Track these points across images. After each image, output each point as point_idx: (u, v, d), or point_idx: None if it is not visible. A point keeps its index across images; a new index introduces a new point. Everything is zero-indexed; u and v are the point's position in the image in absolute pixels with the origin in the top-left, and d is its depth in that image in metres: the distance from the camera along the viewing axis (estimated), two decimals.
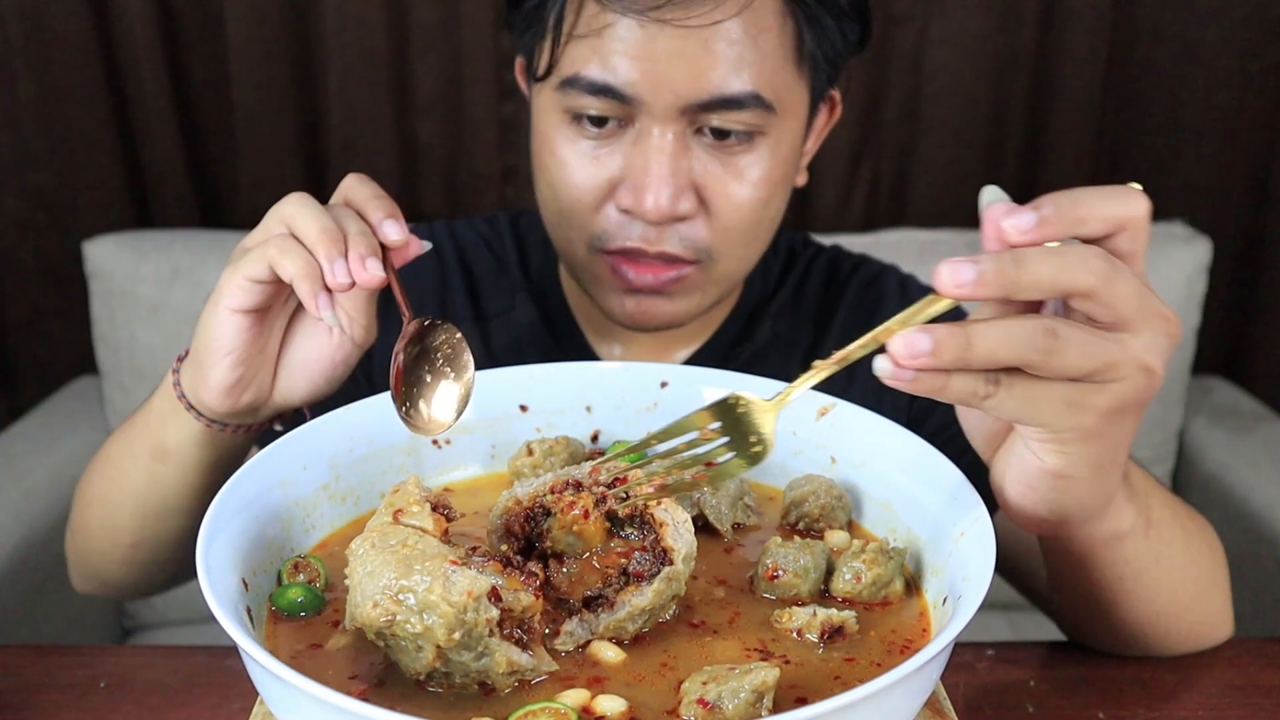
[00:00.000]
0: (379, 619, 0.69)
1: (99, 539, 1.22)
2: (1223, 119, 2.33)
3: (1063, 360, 0.71)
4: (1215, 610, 1.08)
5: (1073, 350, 0.71)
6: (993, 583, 0.74)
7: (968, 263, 0.69)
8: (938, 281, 0.69)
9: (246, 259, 0.96)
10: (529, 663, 0.73)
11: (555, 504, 0.82)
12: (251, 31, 2.19)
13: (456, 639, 0.69)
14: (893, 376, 0.71)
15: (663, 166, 1.14)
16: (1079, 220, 0.73)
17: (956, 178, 2.36)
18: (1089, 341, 0.71)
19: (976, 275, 0.68)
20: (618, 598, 0.78)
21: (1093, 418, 0.74)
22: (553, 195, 1.23)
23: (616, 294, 1.24)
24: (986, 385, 0.72)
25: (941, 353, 0.69)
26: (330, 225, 0.94)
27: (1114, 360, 0.72)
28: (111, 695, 1.00)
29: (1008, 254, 0.69)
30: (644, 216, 1.16)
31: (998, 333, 0.69)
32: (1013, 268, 0.69)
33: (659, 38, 1.11)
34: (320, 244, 0.93)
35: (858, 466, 0.95)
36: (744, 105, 1.14)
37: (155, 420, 1.10)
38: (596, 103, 1.15)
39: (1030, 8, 2.25)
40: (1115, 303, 0.71)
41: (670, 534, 0.80)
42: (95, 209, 2.30)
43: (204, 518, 0.79)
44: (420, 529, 0.75)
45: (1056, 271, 0.70)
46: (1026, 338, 0.69)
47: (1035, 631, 2.07)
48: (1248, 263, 2.43)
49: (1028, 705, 0.98)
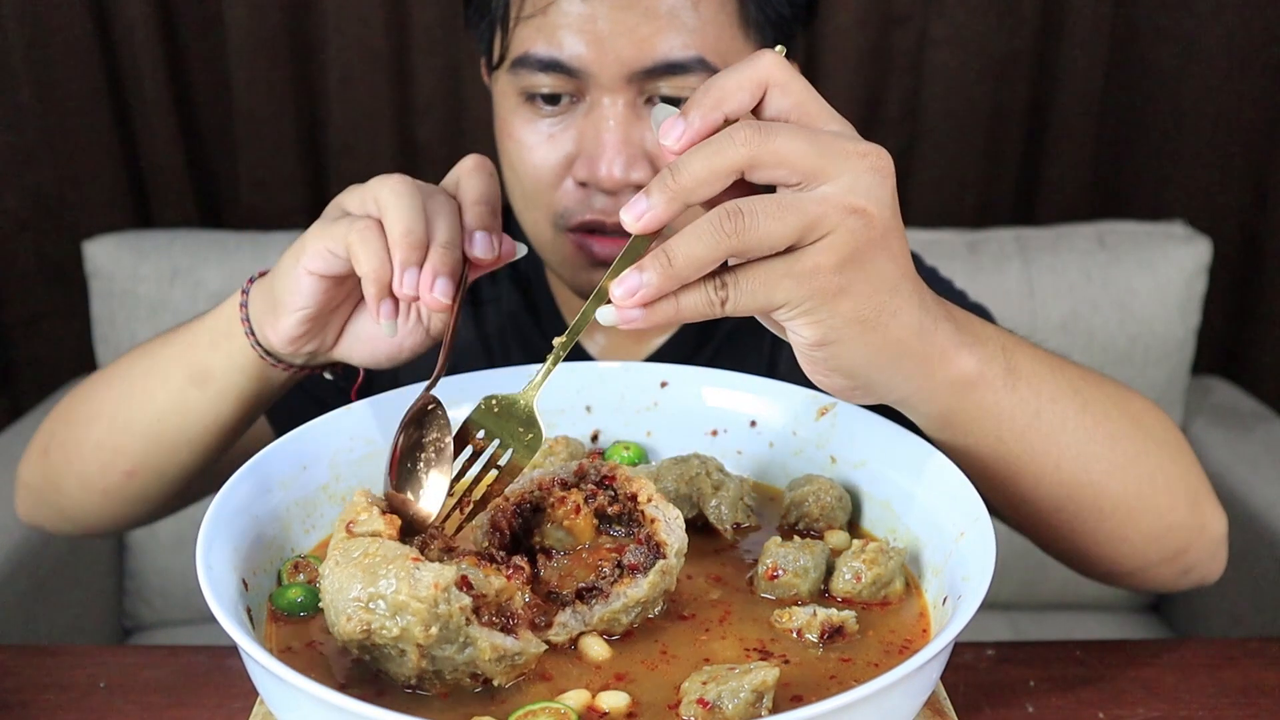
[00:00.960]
0: (356, 631, 0.70)
1: (90, 461, 1.19)
2: (1223, 119, 2.32)
3: (759, 231, 0.71)
4: (1169, 489, 1.00)
5: (763, 219, 0.71)
6: (993, 583, 0.74)
7: (640, 196, 0.72)
8: (623, 224, 0.73)
9: (330, 232, 0.95)
10: (515, 646, 0.73)
11: (545, 500, 0.83)
12: (251, 31, 2.19)
13: (435, 634, 0.69)
14: (621, 320, 0.73)
15: (614, 134, 1.16)
16: (717, 103, 0.74)
17: (956, 178, 2.36)
18: (777, 205, 0.71)
19: (648, 203, 0.72)
20: (612, 589, 0.79)
21: (822, 278, 0.73)
22: (515, 178, 1.25)
23: (584, 269, 1.25)
24: (715, 292, 0.73)
25: (650, 277, 0.71)
26: (417, 228, 0.92)
27: (812, 215, 0.72)
28: (111, 695, 1.00)
29: (666, 169, 0.72)
30: (599, 185, 1.18)
31: (689, 237, 0.71)
32: (673, 179, 0.71)
33: (601, 9, 1.14)
34: (400, 246, 0.91)
35: (858, 466, 0.95)
36: (690, 70, 1.15)
37: (205, 341, 1.09)
38: (547, 79, 1.17)
39: (1030, 8, 2.25)
40: (782, 158, 0.72)
41: (663, 529, 0.80)
42: (95, 209, 2.30)
43: (204, 518, 0.79)
44: (374, 534, 0.75)
45: (709, 160, 0.71)
46: (713, 228, 0.71)
47: (1035, 631, 2.08)
48: (1248, 263, 2.43)
49: (1028, 705, 0.98)
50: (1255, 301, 2.45)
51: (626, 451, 1.00)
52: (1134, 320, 2.11)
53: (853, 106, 2.29)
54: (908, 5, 2.23)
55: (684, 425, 1.02)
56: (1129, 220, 2.25)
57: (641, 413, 1.03)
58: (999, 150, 2.36)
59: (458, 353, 1.38)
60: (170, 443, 1.14)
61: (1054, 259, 2.12)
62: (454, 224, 0.95)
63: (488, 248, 0.96)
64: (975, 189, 2.37)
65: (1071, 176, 2.36)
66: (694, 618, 0.81)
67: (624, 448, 1.01)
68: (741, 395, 1.02)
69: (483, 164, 1.02)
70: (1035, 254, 2.13)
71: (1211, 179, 2.37)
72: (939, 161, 2.35)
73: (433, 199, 0.96)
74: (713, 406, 1.02)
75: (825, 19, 2.23)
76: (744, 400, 1.01)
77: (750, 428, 1.01)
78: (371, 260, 0.91)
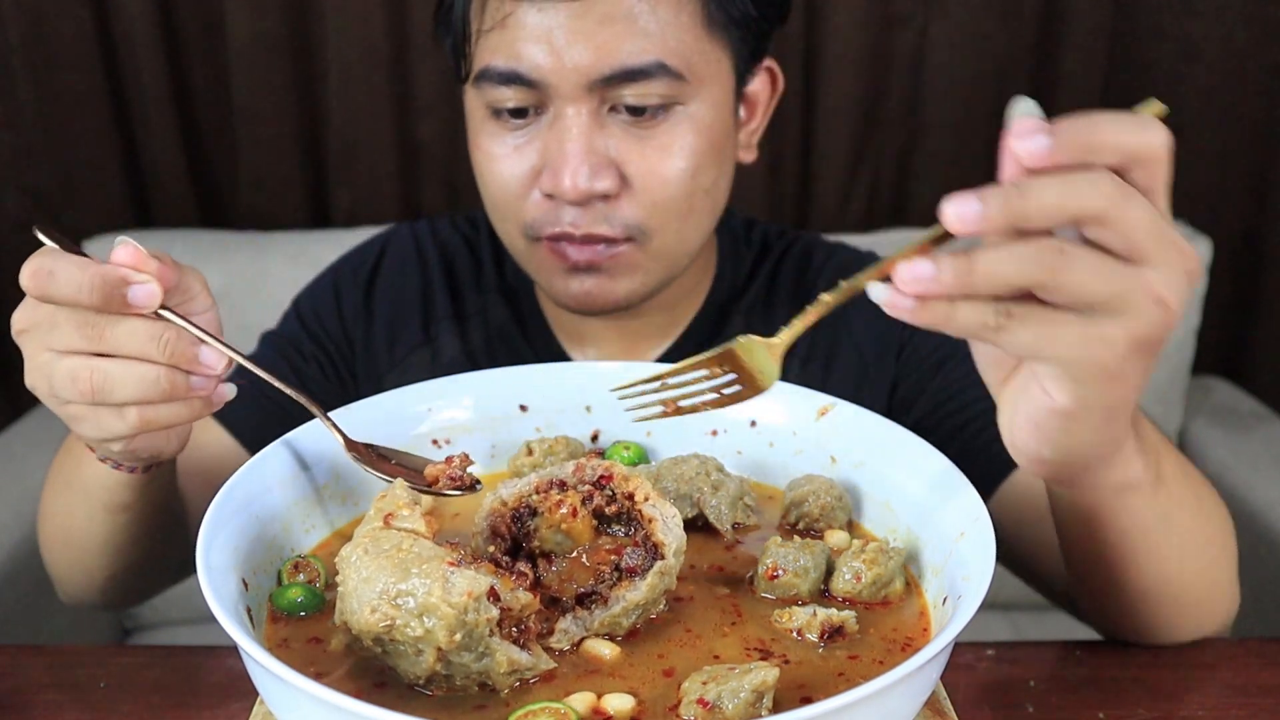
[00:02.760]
0: (378, 624, 0.69)
1: (76, 576, 1.21)
2: (1223, 119, 2.32)
3: (1071, 278, 0.68)
4: (1224, 581, 1.05)
5: (1081, 269, 0.68)
6: (993, 583, 0.74)
7: (972, 196, 0.67)
8: (943, 218, 0.67)
9: (98, 425, 0.88)
10: (529, 661, 0.73)
11: (542, 503, 0.82)
12: (251, 31, 2.19)
13: (458, 640, 0.69)
14: (891, 303, 0.69)
15: (576, 144, 1.15)
16: (1091, 148, 0.68)
17: (956, 178, 2.35)
18: (1100, 263, 0.69)
19: (979, 209, 0.66)
20: (611, 593, 0.79)
21: (1108, 353, 0.71)
22: (485, 190, 1.25)
23: (560, 276, 1.24)
24: (997, 316, 0.69)
25: (944, 274, 0.67)
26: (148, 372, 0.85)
27: (1127, 288, 0.69)
28: (111, 695, 1.00)
29: (1011, 184, 0.68)
30: (564, 197, 1.16)
31: (1002, 253, 0.67)
32: (1018, 197, 0.67)
33: (557, 19, 1.13)
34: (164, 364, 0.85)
35: (858, 466, 0.95)
36: (650, 75, 1.14)
37: (71, 462, 1.09)
38: (509, 92, 1.17)
39: (1030, 8, 2.25)
40: (1128, 229, 0.68)
41: (660, 529, 0.80)
42: (95, 209, 2.30)
43: (204, 518, 0.79)
44: (413, 532, 0.75)
45: (1063, 196, 0.67)
46: (1033, 256, 0.67)
47: (1035, 631, 2.08)
48: (1248, 263, 2.43)
49: (1028, 705, 0.98)
50: (1255, 301, 2.45)
51: (626, 451, 1.00)
52: None
53: (853, 106, 2.29)
54: (908, 5, 2.23)
55: (684, 425, 1.02)
56: None
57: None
58: (999, 150, 2.35)
59: (444, 367, 1.37)
60: (118, 547, 1.13)
61: None
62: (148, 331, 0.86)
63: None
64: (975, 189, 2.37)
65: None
66: (694, 618, 0.81)
67: (624, 448, 1.01)
68: None
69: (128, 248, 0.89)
70: None
71: (1211, 179, 2.37)
72: (939, 161, 2.35)
73: (120, 328, 0.85)
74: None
75: (825, 19, 2.24)
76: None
77: (750, 428, 1.01)
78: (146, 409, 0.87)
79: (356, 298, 1.44)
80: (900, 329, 1.34)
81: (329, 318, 1.43)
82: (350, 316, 1.43)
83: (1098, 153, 0.69)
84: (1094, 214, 0.68)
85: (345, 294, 1.44)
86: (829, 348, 1.36)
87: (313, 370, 1.39)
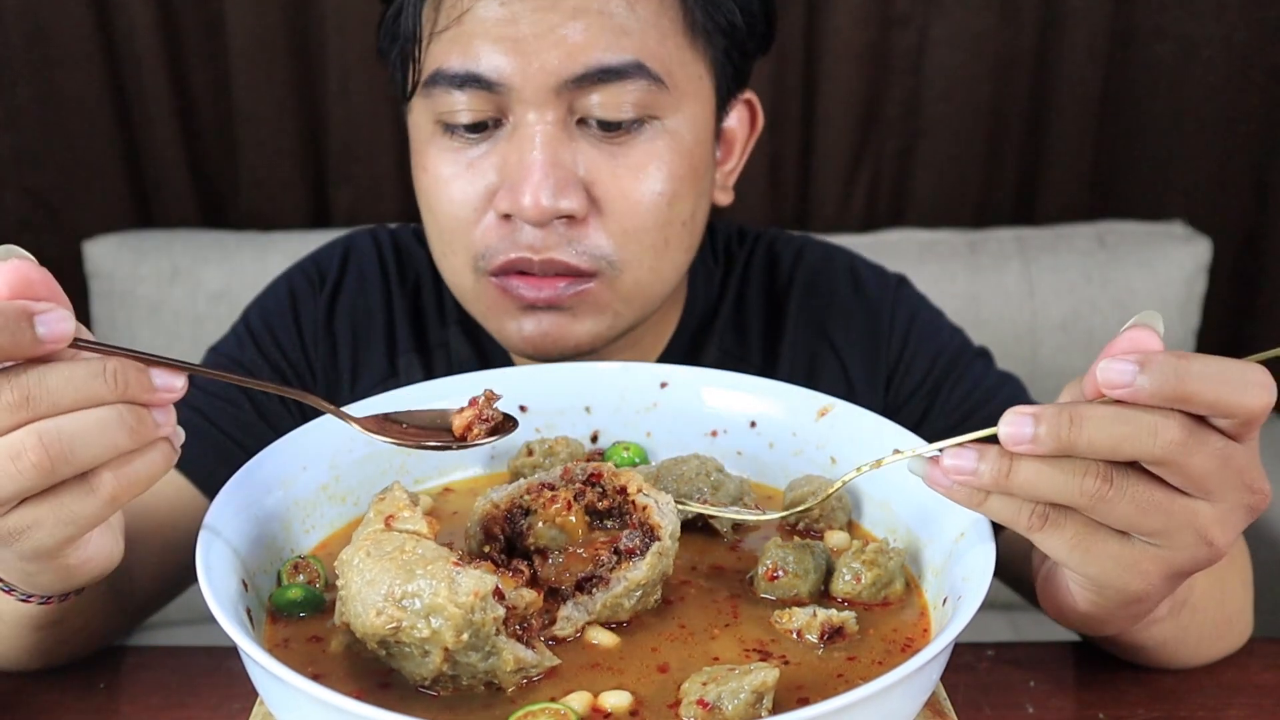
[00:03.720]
0: (384, 627, 0.69)
1: None
2: (1223, 119, 2.32)
3: (1115, 513, 0.67)
4: (1238, 634, 1.06)
5: (1125, 505, 0.67)
6: (993, 583, 0.74)
7: (1028, 418, 0.66)
8: (1000, 432, 0.67)
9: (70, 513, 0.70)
10: (533, 659, 0.73)
11: (534, 502, 0.82)
12: (251, 31, 2.19)
13: (465, 640, 0.69)
14: (929, 478, 0.69)
15: (540, 155, 1.02)
16: (1183, 399, 0.66)
17: (956, 178, 2.36)
18: (1148, 497, 0.67)
19: (1033, 434, 0.66)
20: (612, 575, 0.79)
21: (1140, 582, 0.71)
22: (432, 219, 1.11)
23: (512, 317, 1.10)
24: (1032, 518, 0.69)
25: (982, 476, 0.67)
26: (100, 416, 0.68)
27: (1173, 525, 0.68)
28: (111, 695, 1.00)
29: (1068, 414, 0.66)
30: (523, 215, 1.03)
31: (1046, 470, 0.67)
32: (1068, 429, 0.65)
33: (523, 11, 1.01)
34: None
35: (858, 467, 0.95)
36: (627, 75, 1.02)
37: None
38: (464, 99, 1.04)
39: (1030, 8, 2.25)
40: (1189, 472, 0.67)
41: (655, 513, 0.81)
42: (95, 209, 2.30)
43: (204, 519, 0.79)
44: (415, 533, 0.75)
45: (1119, 440, 0.65)
46: (1075, 482, 0.67)
47: (1035, 631, 2.07)
48: (1248, 263, 2.43)
49: (1028, 705, 0.98)
50: (1255, 301, 2.45)
51: (626, 452, 1.00)
52: None
53: (853, 106, 2.29)
54: (908, 5, 2.23)
55: (684, 426, 1.02)
56: (1129, 220, 2.25)
57: (641, 413, 1.03)
58: (999, 150, 2.36)
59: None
60: (47, 650, 0.97)
61: (1054, 259, 2.12)
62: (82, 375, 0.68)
63: None
64: (975, 189, 2.37)
65: (1071, 176, 2.36)
66: (694, 618, 0.81)
67: (624, 448, 1.01)
68: (741, 396, 1.02)
69: None
70: (1035, 254, 2.13)
71: (1211, 179, 2.37)
72: (939, 161, 2.35)
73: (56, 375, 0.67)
74: (712, 407, 1.02)
75: (825, 19, 2.24)
76: (744, 401, 1.01)
77: (750, 428, 1.01)
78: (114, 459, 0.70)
79: (317, 315, 1.28)
80: (887, 358, 1.28)
81: (286, 335, 1.28)
82: (310, 335, 1.28)
83: (1189, 404, 0.66)
84: (1151, 460, 0.66)
85: (304, 309, 1.29)
86: (811, 374, 1.28)
87: (269, 396, 1.21)
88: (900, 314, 1.30)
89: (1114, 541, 0.70)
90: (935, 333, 1.30)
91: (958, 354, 1.28)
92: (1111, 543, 0.70)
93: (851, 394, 1.27)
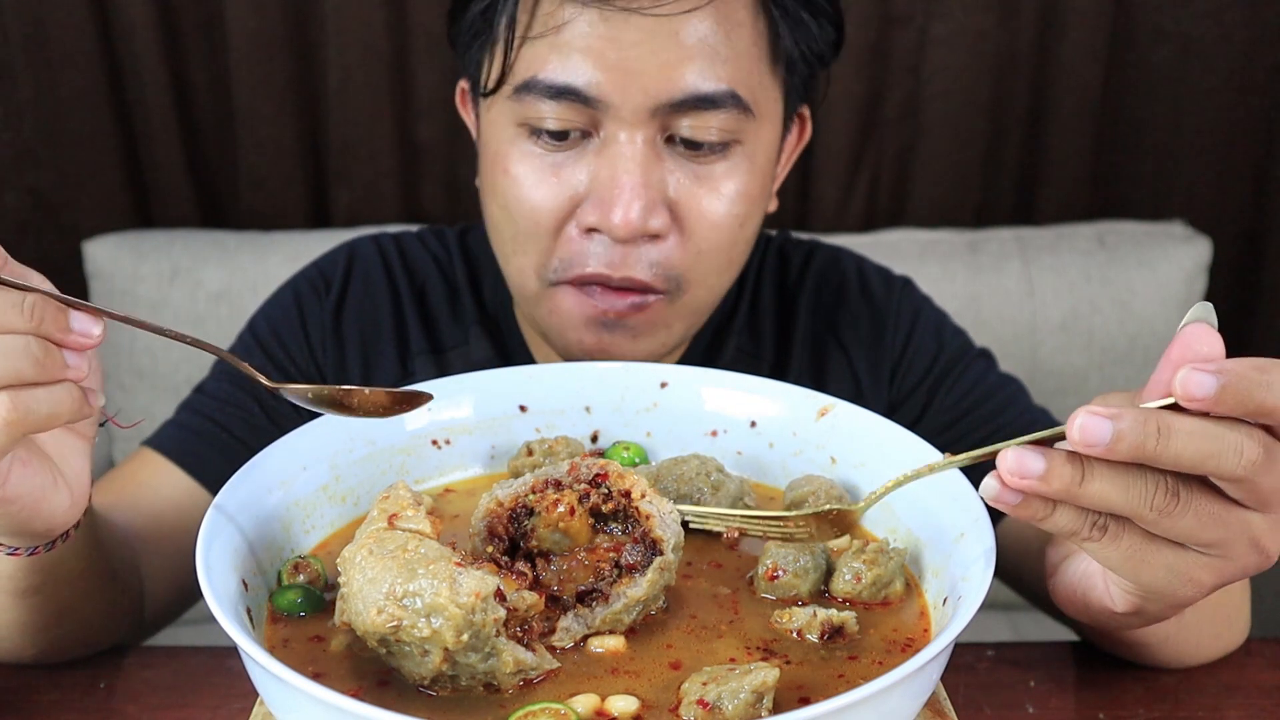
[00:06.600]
0: (384, 625, 0.69)
1: None
2: (1223, 119, 2.32)
3: (1178, 526, 0.67)
4: (1237, 633, 1.06)
5: (1187, 518, 0.67)
6: (993, 583, 0.74)
7: (1105, 420, 0.63)
8: (1069, 431, 0.64)
9: None
10: (533, 661, 0.73)
11: (538, 503, 0.82)
12: (251, 31, 2.19)
13: (465, 640, 0.69)
14: (997, 498, 0.67)
15: (634, 176, 1.03)
16: (1261, 412, 0.64)
17: (956, 178, 2.36)
18: (1209, 512, 0.67)
19: (1112, 438, 0.63)
20: (612, 590, 0.79)
21: (1190, 590, 0.71)
22: (507, 219, 1.11)
23: (575, 328, 1.12)
24: (1091, 529, 0.69)
25: (1052, 480, 0.65)
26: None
27: (1226, 538, 0.68)
28: (111, 695, 1.00)
29: (1153, 422, 0.64)
30: (612, 233, 1.05)
31: (1118, 481, 0.66)
32: (1154, 441, 0.63)
33: (625, 30, 1.01)
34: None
35: (858, 466, 0.95)
36: (720, 105, 1.05)
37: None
38: (556, 109, 1.04)
39: (1030, 8, 2.25)
40: (1257, 489, 0.67)
41: (658, 524, 0.80)
42: (95, 209, 2.30)
43: (203, 519, 0.79)
44: (418, 533, 0.75)
45: (1202, 458, 0.64)
46: (1145, 494, 0.66)
47: (1035, 631, 2.07)
48: (1248, 263, 2.43)
49: (1028, 705, 0.98)
50: (1255, 301, 2.45)
51: (626, 452, 1.00)
52: (1134, 320, 2.11)
53: (853, 106, 2.29)
54: (908, 5, 2.23)
55: (684, 426, 1.02)
56: (1129, 220, 2.25)
57: (641, 413, 1.03)
58: (999, 150, 2.36)
59: None
60: (38, 627, 0.96)
61: (1054, 259, 2.12)
62: None
63: None
64: (975, 189, 2.37)
65: (1071, 176, 2.36)
66: (694, 618, 0.81)
67: (624, 448, 1.01)
68: (741, 396, 1.02)
69: None
70: (1035, 254, 2.13)
71: (1211, 179, 2.37)
72: (939, 161, 2.35)
73: None
74: (712, 407, 1.02)
75: None
76: (744, 401, 1.01)
77: (750, 428, 1.01)
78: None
79: (324, 318, 1.29)
80: (891, 355, 1.30)
81: (293, 339, 1.29)
82: (317, 338, 1.29)
83: (1267, 417, 0.65)
84: (1229, 478, 0.66)
85: (310, 313, 1.30)
86: (820, 370, 1.30)
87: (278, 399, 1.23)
88: (904, 313, 1.33)
89: (1169, 552, 0.70)
90: (937, 332, 1.32)
91: (959, 354, 1.31)
92: (1167, 553, 0.70)
93: (858, 391, 1.29)
